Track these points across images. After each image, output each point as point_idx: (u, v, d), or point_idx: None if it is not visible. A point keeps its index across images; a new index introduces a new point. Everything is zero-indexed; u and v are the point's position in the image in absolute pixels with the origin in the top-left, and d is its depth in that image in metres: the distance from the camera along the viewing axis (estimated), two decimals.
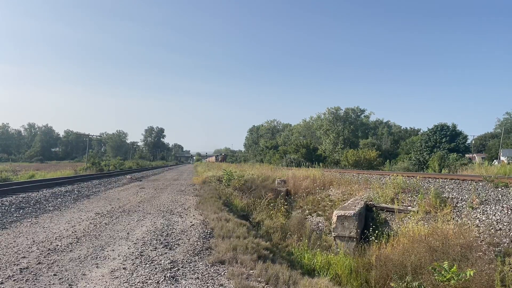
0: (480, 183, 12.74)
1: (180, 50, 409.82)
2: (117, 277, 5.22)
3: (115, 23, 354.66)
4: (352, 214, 11.43)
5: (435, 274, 6.53)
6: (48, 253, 6.33)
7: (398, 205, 12.51)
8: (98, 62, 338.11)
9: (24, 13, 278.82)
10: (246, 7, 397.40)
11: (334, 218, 11.68)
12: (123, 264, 5.82)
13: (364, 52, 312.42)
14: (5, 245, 6.81)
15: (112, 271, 5.48)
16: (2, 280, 4.95)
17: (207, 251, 6.87)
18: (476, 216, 10.23)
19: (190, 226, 9.11)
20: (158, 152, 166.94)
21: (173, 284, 5.04)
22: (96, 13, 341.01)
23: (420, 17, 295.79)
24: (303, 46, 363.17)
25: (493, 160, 53.58)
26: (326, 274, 8.90)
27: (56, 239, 7.45)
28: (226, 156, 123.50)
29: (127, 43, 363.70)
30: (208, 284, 5.13)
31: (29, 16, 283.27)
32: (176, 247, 7.05)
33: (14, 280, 4.97)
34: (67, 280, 5.07)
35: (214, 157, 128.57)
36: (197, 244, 7.32)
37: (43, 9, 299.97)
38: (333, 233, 11.77)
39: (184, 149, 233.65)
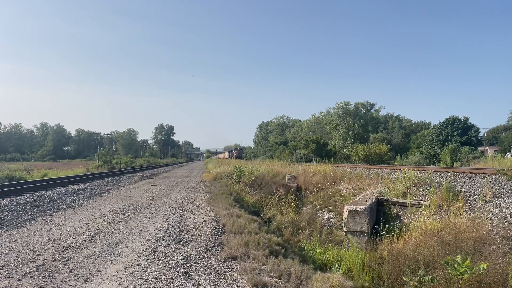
0: (493, 176, 12.59)
1: (189, 48, 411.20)
2: (132, 273, 5.29)
3: (122, 21, 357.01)
4: (364, 209, 11.39)
5: (448, 268, 6.49)
6: (63, 250, 6.44)
7: (409, 199, 12.43)
8: (106, 61, 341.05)
9: (32, 12, 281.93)
10: (254, 4, 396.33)
11: (346, 213, 11.65)
12: (137, 261, 5.90)
13: (373, 47, 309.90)
14: (21, 243, 6.94)
15: (126, 267, 5.55)
16: (19, 277, 5.05)
17: (219, 247, 6.92)
18: (489, 210, 10.12)
19: (202, 223, 9.17)
20: (169, 150, 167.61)
21: (186, 280, 5.10)
22: (105, 12, 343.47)
23: (429, 10, 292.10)
24: (312, 41, 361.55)
25: (506, 153, 52.80)
26: (338, 269, 8.91)
27: (70, 236, 7.56)
28: (241, 151, 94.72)
29: (134, 41, 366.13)
30: (221, 280, 5.17)
31: (37, 15, 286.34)
32: (189, 243, 7.11)
33: (31, 277, 5.07)
34: (83, 276, 5.16)
35: (226, 153, 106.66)
36: (209, 240, 7.37)
37: (52, 8, 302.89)
38: (344, 228, 11.75)
39: (194, 146, 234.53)
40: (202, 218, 9.76)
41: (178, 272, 5.38)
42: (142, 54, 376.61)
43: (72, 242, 7.04)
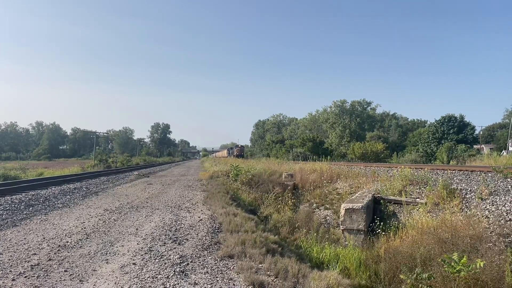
0: (489, 174, 12.62)
1: (184, 46, 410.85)
2: (127, 273, 5.26)
3: (118, 20, 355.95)
4: (360, 207, 11.39)
5: (445, 266, 6.49)
6: (58, 250, 6.38)
7: (406, 197, 12.44)
8: (102, 60, 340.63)
9: (28, 11, 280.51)
10: (250, 2, 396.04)
11: (342, 211, 11.65)
12: (133, 260, 5.86)
13: (370, 45, 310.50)
14: (15, 242, 6.88)
15: (122, 267, 5.51)
16: (13, 277, 4.99)
17: (215, 246, 6.89)
18: (486, 207, 10.14)
19: (199, 221, 9.14)
20: (165, 148, 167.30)
21: (182, 279, 5.06)
22: (100, 11, 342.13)
23: (426, 8, 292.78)
24: (308, 39, 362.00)
25: (502, 151, 53.07)
26: (335, 267, 8.90)
27: (66, 235, 7.51)
28: (243, 148, 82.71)
29: (130, 40, 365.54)
30: (218, 278, 5.14)
31: (33, 14, 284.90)
32: (185, 242, 7.08)
33: (25, 277, 5.02)
34: (78, 276, 5.11)
35: (225, 151, 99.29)
36: (205, 239, 7.34)
37: (46, 7, 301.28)
38: (341, 226, 11.75)
39: (190, 145, 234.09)
40: (199, 217, 9.73)
41: (174, 271, 5.35)
42: (138, 53, 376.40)
43: (67, 242, 6.98)
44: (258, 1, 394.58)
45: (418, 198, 12.32)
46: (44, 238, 7.24)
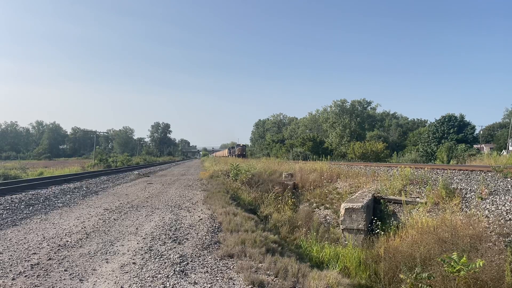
0: (489, 174, 12.61)
1: (184, 46, 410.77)
2: (127, 272, 5.26)
3: (117, 19, 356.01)
4: (360, 206, 11.39)
5: (444, 265, 6.49)
6: (58, 249, 6.39)
7: (406, 197, 12.44)
8: (102, 59, 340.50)
9: (28, 10, 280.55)
10: (249, 2, 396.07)
11: (342, 211, 11.65)
12: (133, 259, 5.86)
13: (370, 44, 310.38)
14: (15, 242, 6.89)
15: (122, 266, 5.51)
16: (13, 276, 5.00)
17: (215, 245, 6.89)
18: (485, 207, 10.13)
19: (198, 221, 9.14)
20: (165, 148, 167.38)
21: (182, 278, 5.07)
22: (99, 10, 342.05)
23: (426, 8, 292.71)
24: (308, 39, 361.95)
25: (502, 150, 53.04)
26: (335, 266, 8.90)
27: (66, 235, 7.51)
28: (244, 147, 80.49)
29: (130, 39, 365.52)
30: (218, 278, 5.14)
31: (33, 13, 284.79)
32: (185, 242, 7.08)
33: (25, 276, 5.02)
34: (78, 275, 5.12)
35: (226, 151, 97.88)
36: (205, 238, 7.35)
37: (45, 6, 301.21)
38: (341, 225, 11.75)
39: (190, 145, 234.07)
40: (199, 216, 9.73)
41: (174, 270, 5.35)
42: (138, 52, 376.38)
43: (67, 241, 6.99)
44: (258, 0, 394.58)
45: (418, 197, 12.33)
46: (44, 238, 7.24)
